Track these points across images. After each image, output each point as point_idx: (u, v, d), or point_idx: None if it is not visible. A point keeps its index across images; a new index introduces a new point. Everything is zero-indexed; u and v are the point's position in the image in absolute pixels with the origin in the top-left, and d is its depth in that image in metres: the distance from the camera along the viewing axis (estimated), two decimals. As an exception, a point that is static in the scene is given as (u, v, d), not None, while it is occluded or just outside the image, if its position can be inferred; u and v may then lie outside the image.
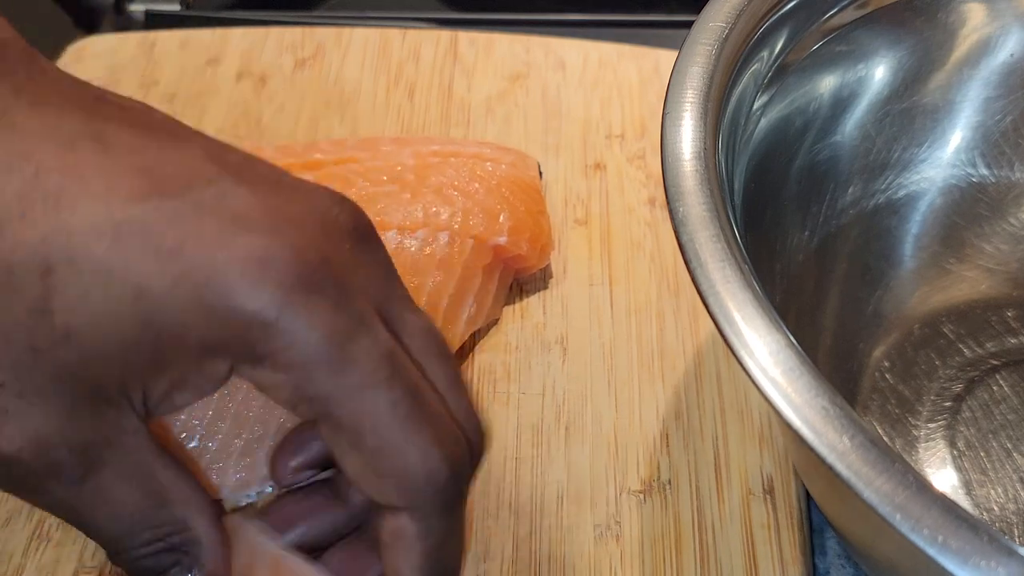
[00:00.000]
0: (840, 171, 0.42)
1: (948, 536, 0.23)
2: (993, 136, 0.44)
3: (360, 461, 0.27)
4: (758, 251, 0.34)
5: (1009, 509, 0.39)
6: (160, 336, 0.25)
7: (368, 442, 0.26)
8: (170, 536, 0.28)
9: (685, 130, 0.32)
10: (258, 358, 0.25)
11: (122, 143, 0.25)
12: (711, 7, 0.35)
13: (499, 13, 0.62)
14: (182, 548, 0.29)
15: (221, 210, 0.25)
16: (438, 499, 0.27)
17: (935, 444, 0.41)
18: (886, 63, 0.42)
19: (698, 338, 0.44)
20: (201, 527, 0.29)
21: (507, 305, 0.45)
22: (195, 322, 0.24)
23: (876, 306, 0.44)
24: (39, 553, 0.37)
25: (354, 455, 0.26)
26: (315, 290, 0.25)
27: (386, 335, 0.26)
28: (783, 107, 0.39)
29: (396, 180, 0.45)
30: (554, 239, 0.47)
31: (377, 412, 0.26)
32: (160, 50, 0.57)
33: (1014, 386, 0.42)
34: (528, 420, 0.41)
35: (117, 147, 0.25)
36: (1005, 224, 0.45)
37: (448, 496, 0.28)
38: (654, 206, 0.49)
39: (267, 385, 0.26)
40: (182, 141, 0.27)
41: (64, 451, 0.26)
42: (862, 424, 0.25)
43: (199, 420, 0.39)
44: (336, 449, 0.27)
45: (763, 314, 0.27)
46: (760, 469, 0.39)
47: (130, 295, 0.24)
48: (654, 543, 0.38)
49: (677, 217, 0.29)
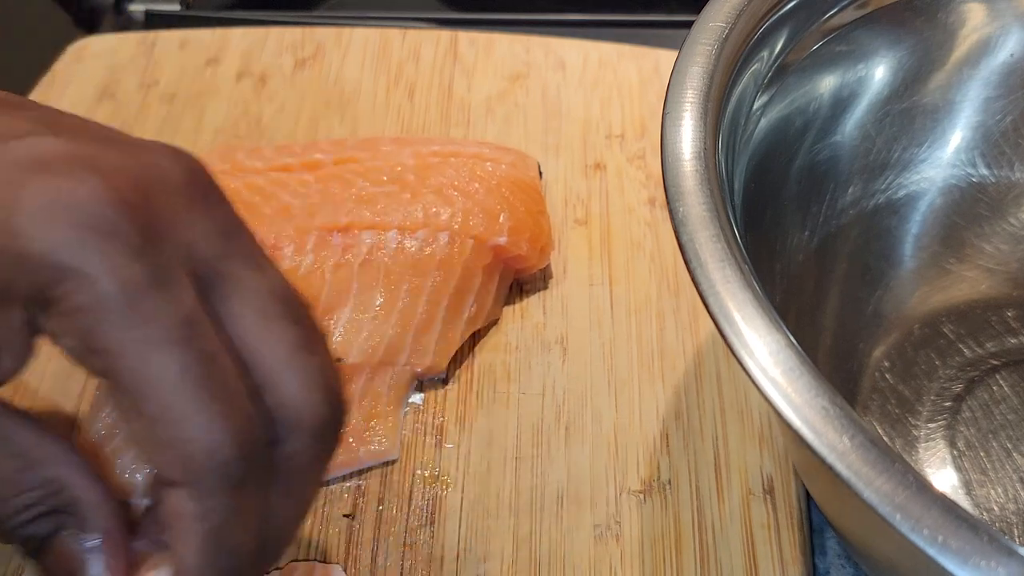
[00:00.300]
0: (840, 171, 0.42)
1: (948, 536, 0.23)
2: (993, 136, 0.44)
3: (141, 427, 0.25)
4: (758, 251, 0.34)
5: (1009, 509, 0.39)
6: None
7: (150, 407, 0.24)
8: (46, 499, 0.27)
9: (685, 130, 0.32)
10: (49, 302, 0.24)
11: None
12: (711, 7, 0.35)
13: (499, 13, 0.62)
14: (64, 510, 0.27)
15: (27, 157, 0.24)
16: (220, 477, 0.25)
17: (935, 444, 0.41)
18: (886, 63, 0.42)
19: (698, 338, 0.44)
20: (78, 484, 0.27)
21: (507, 305, 0.45)
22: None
23: (876, 306, 0.44)
24: (39, 553, 0.37)
25: (137, 420, 0.25)
26: (113, 235, 0.24)
27: (191, 297, 0.25)
28: (783, 107, 0.39)
29: (396, 180, 0.45)
30: (554, 239, 0.47)
31: (162, 376, 0.24)
32: (160, 50, 0.57)
33: (1014, 386, 0.42)
34: (528, 420, 0.41)
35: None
36: (1005, 224, 0.45)
37: (232, 475, 0.25)
38: (654, 206, 0.49)
39: (58, 333, 0.25)
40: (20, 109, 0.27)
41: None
42: (862, 424, 0.25)
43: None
44: (121, 412, 0.25)
45: (763, 314, 0.27)
46: (760, 469, 0.39)
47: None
48: (654, 543, 0.38)
49: (677, 217, 0.29)
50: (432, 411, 0.42)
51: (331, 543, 0.37)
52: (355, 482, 0.39)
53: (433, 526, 0.38)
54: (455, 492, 0.39)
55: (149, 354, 0.24)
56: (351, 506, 0.39)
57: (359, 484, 0.39)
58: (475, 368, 0.43)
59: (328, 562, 0.37)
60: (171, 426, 0.25)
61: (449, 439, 0.41)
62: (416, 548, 0.37)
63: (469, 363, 0.43)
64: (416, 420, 0.41)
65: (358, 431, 0.39)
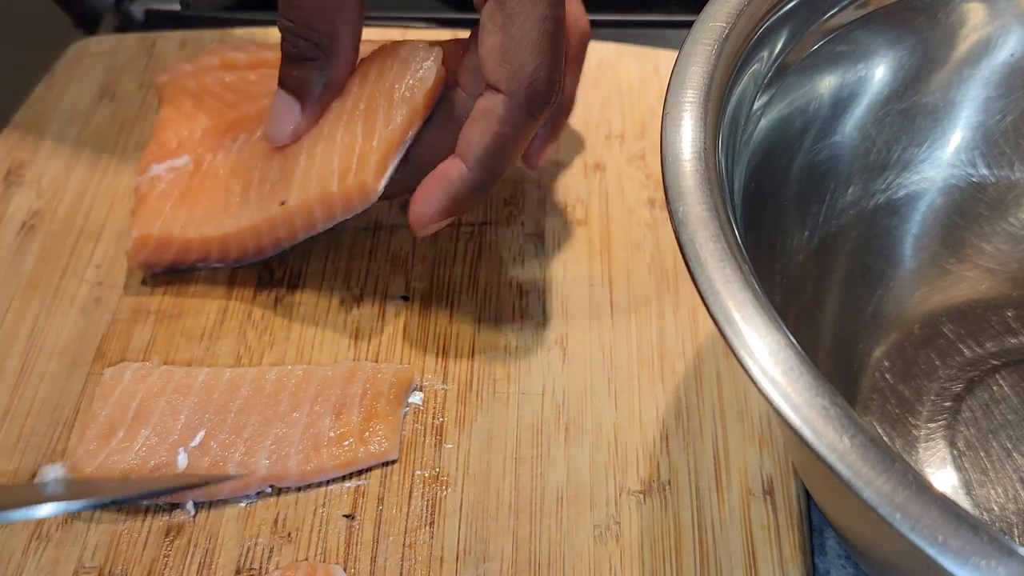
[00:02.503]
0: (840, 171, 0.42)
1: (948, 536, 0.23)
2: (993, 136, 0.44)
3: (498, 42, 0.36)
4: (758, 251, 0.34)
5: (1009, 509, 0.39)
6: None
7: (514, 30, 0.36)
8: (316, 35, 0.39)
9: (685, 130, 0.32)
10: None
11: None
12: (711, 7, 0.35)
13: (499, 13, 0.62)
14: (319, 47, 0.40)
15: None
16: (531, 101, 0.37)
17: (935, 444, 0.41)
18: (886, 63, 0.42)
19: (698, 338, 0.44)
20: (345, 45, 0.40)
21: (507, 305, 0.45)
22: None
23: (876, 306, 0.44)
24: (39, 553, 0.37)
25: (498, 35, 0.36)
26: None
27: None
28: (783, 107, 0.39)
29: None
30: (554, 239, 0.47)
31: (534, 15, 0.36)
32: (160, 50, 0.57)
33: (1014, 386, 0.42)
34: (528, 420, 0.41)
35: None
36: (1005, 224, 0.45)
37: (535, 106, 0.37)
38: (654, 206, 0.49)
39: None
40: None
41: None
42: (862, 424, 0.25)
43: (200, 421, 0.40)
44: (489, 24, 0.36)
45: (763, 314, 0.27)
46: (760, 469, 0.39)
47: None
48: (654, 543, 0.38)
49: (677, 217, 0.29)
50: (432, 411, 0.42)
51: (331, 543, 0.37)
52: (355, 482, 0.39)
53: (433, 526, 0.38)
54: (455, 492, 0.39)
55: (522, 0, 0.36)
56: (351, 506, 0.39)
57: (359, 484, 0.39)
58: (475, 368, 0.43)
59: (328, 562, 0.37)
60: (521, 51, 0.36)
61: (449, 439, 0.41)
62: (416, 548, 0.37)
63: (469, 363, 0.43)
64: (416, 420, 0.41)
65: (358, 431, 0.39)
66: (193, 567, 0.37)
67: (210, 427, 0.39)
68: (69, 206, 0.49)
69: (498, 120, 0.37)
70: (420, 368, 0.43)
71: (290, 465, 0.38)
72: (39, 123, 0.53)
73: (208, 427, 0.39)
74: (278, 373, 0.41)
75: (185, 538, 0.38)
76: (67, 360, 0.43)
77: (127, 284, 0.46)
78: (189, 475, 0.38)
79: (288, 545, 0.37)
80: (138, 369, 0.41)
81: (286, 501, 0.39)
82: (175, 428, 0.39)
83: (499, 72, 0.37)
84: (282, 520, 0.38)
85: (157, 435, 0.39)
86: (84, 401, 0.41)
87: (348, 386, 0.41)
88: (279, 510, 0.38)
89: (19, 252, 0.47)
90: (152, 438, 0.39)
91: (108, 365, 0.42)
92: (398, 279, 0.46)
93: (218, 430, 0.39)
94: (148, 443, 0.38)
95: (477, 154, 0.38)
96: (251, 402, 0.40)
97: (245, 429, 0.39)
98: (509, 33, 0.36)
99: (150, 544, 0.37)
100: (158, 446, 0.38)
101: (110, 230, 0.48)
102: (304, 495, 0.39)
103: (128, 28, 0.62)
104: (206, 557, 0.37)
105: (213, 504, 0.38)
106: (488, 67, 0.37)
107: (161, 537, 0.38)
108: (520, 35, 0.36)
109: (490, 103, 0.37)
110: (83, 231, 0.48)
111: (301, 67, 0.40)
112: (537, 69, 0.36)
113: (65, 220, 0.48)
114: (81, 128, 0.52)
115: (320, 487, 0.39)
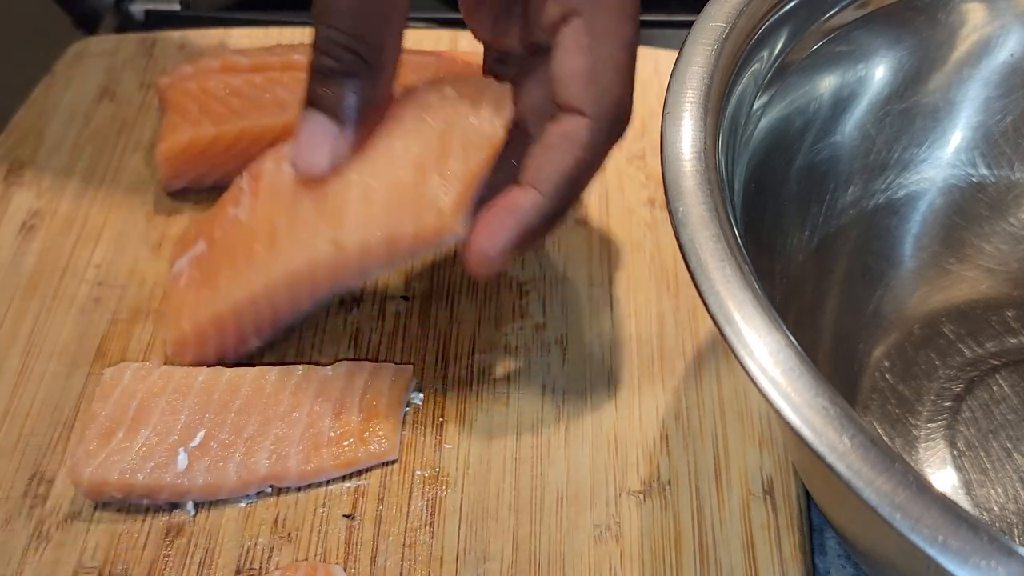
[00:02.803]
0: (840, 171, 0.42)
1: (948, 536, 0.23)
2: (993, 136, 0.44)
3: (584, 64, 0.34)
4: (758, 251, 0.34)
5: (1009, 509, 0.39)
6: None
7: (604, 52, 0.34)
8: (364, 47, 0.35)
9: (685, 130, 0.32)
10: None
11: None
12: (711, 7, 0.35)
13: (499, 13, 0.62)
14: (364, 61, 0.35)
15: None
16: (613, 126, 0.35)
17: (935, 444, 0.41)
18: (886, 63, 0.42)
19: (698, 338, 0.44)
20: (387, 58, 0.36)
21: (507, 305, 0.45)
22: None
23: (876, 306, 0.44)
24: (39, 553, 0.37)
25: (583, 57, 0.34)
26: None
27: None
28: (783, 107, 0.39)
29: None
30: (554, 239, 0.47)
31: (623, 37, 0.34)
32: (160, 50, 0.57)
33: (1014, 386, 0.42)
34: (528, 420, 0.41)
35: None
36: (1005, 224, 0.45)
37: (617, 132, 0.35)
38: (654, 206, 0.49)
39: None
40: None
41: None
42: (862, 424, 0.25)
43: (200, 421, 0.40)
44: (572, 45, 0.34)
45: (763, 314, 0.27)
46: (760, 469, 0.39)
47: None
48: (654, 543, 0.38)
49: (677, 217, 0.29)
50: (432, 411, 0.42)
51: (331, 543, 0.37)
52: (355, 482, 0.39)
53: (433, 526, 0.38)
54: (455, 492, 0.39)
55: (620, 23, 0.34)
56: (351, 506, 0.39)
57: (359, 484, 0.39)
58: (475, 368, 0.43)
59: (328, 562, 0.37)
60: (608, 74, 0.34)
61: (449, 439, 0.41)
62: (416, 548, 0.37)
63: (469, 363, 0.43)
64: (416, 420, 0.41)
65: (358, 431, 0.39)
66: (193, 567, 0.37)
67: (210, 427, 0.39)
68: (69, 206, 0.49)
69: (581, 145, 0.35)
70: (420, 368, 0.43)
71: (290, 465, 0.38)
72: (39, 123, 0.53)
73: (208, 427, 0.39)
74: (278, 373, 0.41)
75: (185, 538, 0.38)
76: (67, 360, 0.43)
77: (127, 284, 0.46)
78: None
79: (288, 545, 0.37)
80: (138, 369, 0.41)
81: (286, 501, 0.39)
82: (175, 428, 0.39)
83: (586, 95, 0.34)
84: (282, 520, 0.38)
85: (157, 435, 0.39)
86: (84, 401, 0.42)
87: (348, 386, 0.41)
88: (279, 510, 0.38)
89: (19, 252, 0.47)
90: (152, 438, 0.39)
91: (108, 365, 0.42)
92: (398, 279, 0.46)
93: (218, 430, 0.39)
94: (148, 443, 0.38)
95: (555, 181, 0.35)
96: (251, 402, 0.40)
97: (245, 429, 0.39)
98: (598, 55, 0.34)
99: (150, 544, 0.37)
100: (158, 446, 0.38)
101: (110, 230, 0.48)
102: (304, 495, 0.39)
103: (128, 28, 0.62)
104: (206, 557, 0.37)
105: (213, 504, 0.39)
106: (570, 90, 0.34)
107: (161, 537, 0.38)
108: (609, 57, 0.34)
109: (570, 127, 0.35)
110: (83, 231, 0.48)
111: (338, 83, 0.35)
112: (623, 93, 0.35)
113: (65, 220, 0.48)
114: (81, 128, 0.52)
115: (320, 487, 0.39)
